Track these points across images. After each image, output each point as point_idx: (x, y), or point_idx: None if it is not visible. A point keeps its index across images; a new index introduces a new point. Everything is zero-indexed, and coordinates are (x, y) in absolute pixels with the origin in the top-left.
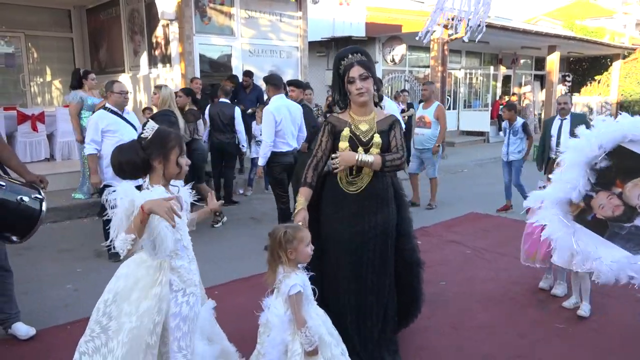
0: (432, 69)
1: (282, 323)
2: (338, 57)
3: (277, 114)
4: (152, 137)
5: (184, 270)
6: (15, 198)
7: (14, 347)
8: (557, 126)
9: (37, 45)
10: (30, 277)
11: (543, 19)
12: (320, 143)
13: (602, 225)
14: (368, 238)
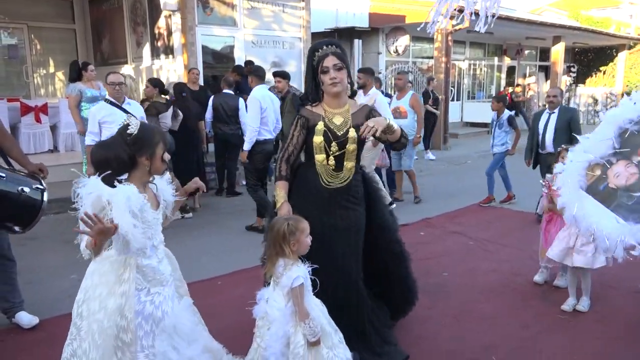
0: (435, 60)
1: (283, 316)
2: (312, 48)
3: (262, 101)
4: (138, 133)
5: (149, 270)
6: (16, 189)
7: (17, 336)
8: (545, 120)
9: (40, 36)
10: (34, 267)
11: (548, 9)
12: (292, 137)
13: (612, 196)
14: (343, 233)
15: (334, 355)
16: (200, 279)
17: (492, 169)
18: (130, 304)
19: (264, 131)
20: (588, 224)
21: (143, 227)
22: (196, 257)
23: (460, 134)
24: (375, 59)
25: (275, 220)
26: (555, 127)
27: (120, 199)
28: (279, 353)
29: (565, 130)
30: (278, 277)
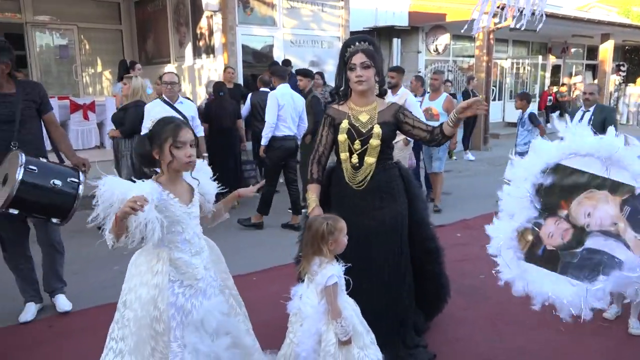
0: (476, 59)
1: (316, 313)
2: (345, 43)
3: (280, 98)
4: (152, 129)
5: (182, 263)
6: (48, 182)
7: (64, 323)
8: (579, 119)
9: (89, 37)
10: (80, 258)
11: (597, 6)
12: (321, 137)
13: (554, 258)
14: (375, 234)
15: (364, 356)
16: (237, 273)
17: None
18: (164, 295)
19: (282, 127)
20: (543, 296)
21: (167, 220)
22: (233, 252)
23: (502, 134)
24: (415, 58)
25: (313, 219)
26: (591, 126)
27: (134, 194)
28: (311, 349)
29: (599, 130)
30: (313, 275)
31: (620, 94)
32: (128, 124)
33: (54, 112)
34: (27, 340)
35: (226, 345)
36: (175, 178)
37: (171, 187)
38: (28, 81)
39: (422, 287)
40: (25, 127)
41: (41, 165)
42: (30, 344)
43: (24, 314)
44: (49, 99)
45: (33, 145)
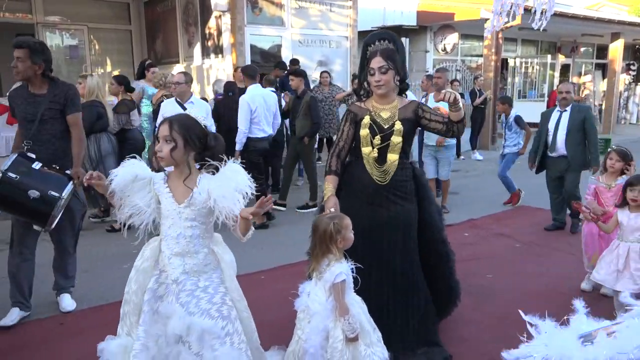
0: (485, 58)
1: (324, 310)
2: (365, 42)
3: (252, 102)
4: None
5: (163, 257)
6: (26, 192)
7: (75, 320)
8: (555, 120)
9: (99, 37)
10: (92, 257)
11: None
12: (342, 132)
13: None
14: (388, 228)
15: (371, 353)
16: (244, 272)
17: (504, 170)
18: (138, 277)
19: (256, 130)
20: None
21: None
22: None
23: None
24: (423, 58)
25: (318, 220)
26: (568, 127)
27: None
28: (319, 346)
29: (578, 131)
30: (321, 272)
31: (630, 94)
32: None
33: (77, 115)
34: (38, 337)
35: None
36: (180, 175)
37: (174, 182)
38: (61, 82)
39: (431, 290)
40: (45, 127)
41: (27, 172)
42: (42, 341)
43: (7, 317)
44: (77, 101)
45: (50, 146)
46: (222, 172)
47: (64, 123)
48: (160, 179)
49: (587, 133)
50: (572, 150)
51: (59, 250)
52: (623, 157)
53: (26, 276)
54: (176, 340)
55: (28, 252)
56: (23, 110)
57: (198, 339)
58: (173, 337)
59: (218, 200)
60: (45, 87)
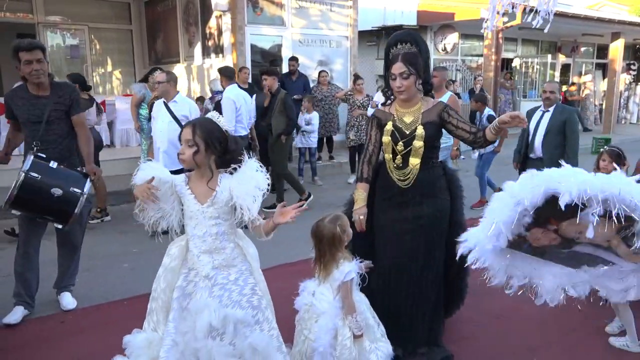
0: (485, 58)
1: (333, 309)
2: (388, 44)
3: (236, 100)
4: None
5: (191, 256)
6: (49, 190)
7: (77, 318)
8: (537, 119)
9: (100, 37)
10: (93, 256)
11: (607, 5)
12: (370, 137)
13: (540, 251)
14: (411, 228)
15: (375, 348)
16: None
17: (481, 169)
18: (166, 275)
19: (239, 128)
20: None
21: (184, 215)
22: None
23: (511, 133)
24: None
25: (321, 227)
26: (547, 128)
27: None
28: (328, 344)
29: (558, 133)
30: (329, 273)
31: (630, 93)
32: None
33: (82, 115)
34: (39, 335)
35: (227, 352)
36: (202, 175)
37: (196, 183)
38: (62, 83)
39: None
40: (51, 127)
41: (47, 172)
42: (43, 339)
43: (10, 315)
44: (80, 102)
45: (57, 145)
46: (242, 171)
47: (69, 123)
48: (182, 181)
49: (567, 137)
50: (548, 154)
51: (67, 246)
52: (616, 158)
53: (33, 276)
54: (205, 335)
55: (33, 252)
56: (26, 112)
57: (233, 329)
58: (203, 332)
59: (240, 198)
60: (48, 88)
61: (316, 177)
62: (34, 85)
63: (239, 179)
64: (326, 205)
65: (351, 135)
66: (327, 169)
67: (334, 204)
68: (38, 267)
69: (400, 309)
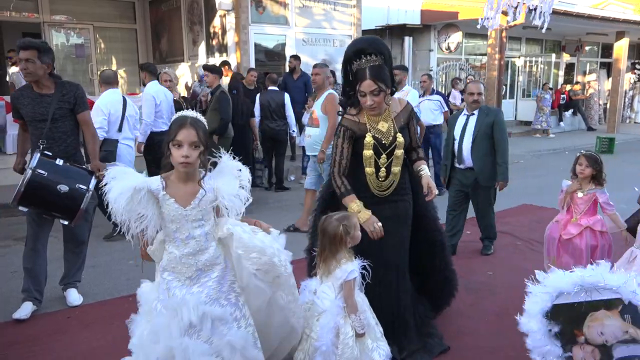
0: (489, 57)
1: (334, 307)
2: (349, 55)
3: (156, 96)
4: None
5: (172, 257)
6: (55, 186)
7: (82, 314)
8: (462, 125)
9: (104, 36)
10: (98, 252)
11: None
12: (341, 149)
13: None
14: (393, 224)
15: (377, 347)
16: None
17: None
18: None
19: (160, 123)
20: None
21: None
22: None
23: (514, 132)
24: (427, 57)
25: (327, 222)
26: (475, 133)
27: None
28: (330, 343)
29: (486, 137)
30: (331, 272)
31: (635, 93)
32: None
33: (87, 113)
34: (47, 330)
35: (202, 351)
36: (184, 177)
37: (175, 185)
38: (67, 82)
39: (427, 281)
40: (56, 125)
41: (53, 169)
42: (50, 333)
43: (20, 310)
44: (85, 100)
45: (62, 143)
46: (224, 170)
47: (73, 121)
48: (157, 186)
49: (497, 141)
50: (479, 162)
51: (73, 242)
52: (593, 163)
53: (42, 271)
54: (182, 333)
55: (41, 248)
56: (32, 111)
57: (210, 326)
58: (179, 330)
59: (226, 199)
60: (52, 87)
61: (303, 175)
62: (38, 84)
63: (223, 179)
64: None
65: None
66: None
67: None
68: (46, 262)
69: (394, 305)
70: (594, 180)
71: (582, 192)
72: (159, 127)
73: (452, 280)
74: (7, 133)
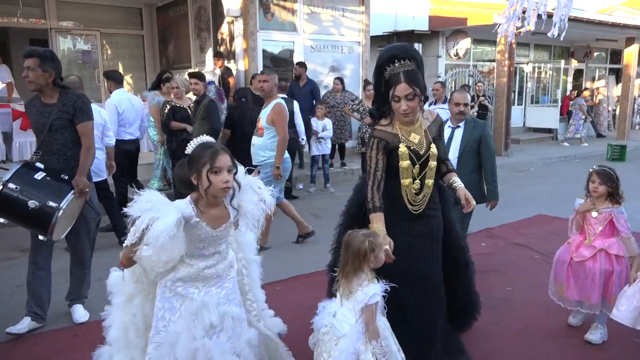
0: (498, 64)
1: (355, 332)
2: (382, 61)
3: (119, 105)
4: (191, 154)
5: (194, 270)
6: (25, 202)
7: (88, 332)
8: (447, 138)
9: (111, 42)
10: (102, 265)
11: (620, 9)
12: (376, 162)
13: None
14: (427, 240)
15: None
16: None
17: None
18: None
19: (123, 132)
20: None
21: (191, 239)
22: None
23: (523, 139)
24: (435, 63)
25: (352, 236)
26: (461, 149)
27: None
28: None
29: (473, 153)
30: (351, 292)
31: None
32: None
33: (87, 124)
34: (52, 349)
35: (223, 349)
36: (214, 202)
37: (207, 210)
38: (71, 92)
39: (450, 301)
40: (55, 136)
41: (28, 182)
42: (56, 352)
43: (17, 325)
44: (87, 110)
45: (61, 155)
46: (247, 185)
47: (75, 132)
48: (189, 212)
49: (484, 157)
50: (464, 180)
51: (76, 259)
52: (607, 180)
53: (42, 285)
54: (204, 335)
55: (42, 261)
56: (35, 121)
57: (231, 326)
58: (201, 332)
59: (249, 214)
60: (56, 97)
61: (328, 185)
62: (43, 93)
63: (244, 195)
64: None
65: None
66: (339, 175)
67: None
68: (49, 277)
69: (430, 324)
70: (610, 198)
71: (596, 212)
72: (121, 136)
73: (475, 303)
74: (14, 140)
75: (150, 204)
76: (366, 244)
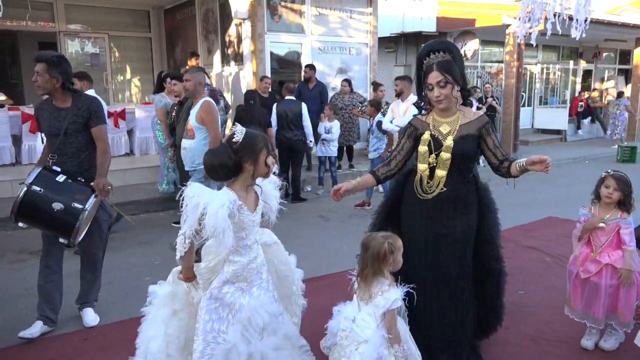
0: (506, 65)
1: (377, 337)
2: (419, 55)
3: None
4: (243, 141)
5: (239, 266)
6: (50, 205)
7: (99, 336)
8: None
9: (119, 45)
10: (113, 267)
11: (629, 9)
12: (399, 144)
13: None
14: (444, 242)
15: None
16: None
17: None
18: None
19: None
20: None
21: (236, 229)
22: None
23: (531, 141)
24: None
25: (371, 238)
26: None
27: (214, 208)
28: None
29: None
30: (372, 297)
31: None
32: None
33: (102, 127)
34: (62, 353)
35: (274, 346)
36: (250, 186)
37: (243, 195)
38: (84, 95)
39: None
40: (70, 140)
41: (51, 185)
42: (66, 357)
43: (28, 329)
44: (101, 113)
45: (75, 158)
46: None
47: (88, 136)
48: (234, 199)
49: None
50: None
51: (88, 261)
52: (623, 186)
53: (55, 289)
54: (257, 338)
55: (54, 265)
56: (48, 125)
57: (276, 322)
58: (255, 336)
59: (270, 200)
60: (69, 101)
61: (320, 186)
62: (55, 97)
63: (266, 182)
64: (347, 216)
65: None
66: (347, 177)
67: (356, 214)
68: (61, 280)
69: (445, 324)
70: (620, 206)
71: (603, 223)
72: None
73: (499, 314)
74: (23, 143)
75: (197, 197)
76: (385, 246)
